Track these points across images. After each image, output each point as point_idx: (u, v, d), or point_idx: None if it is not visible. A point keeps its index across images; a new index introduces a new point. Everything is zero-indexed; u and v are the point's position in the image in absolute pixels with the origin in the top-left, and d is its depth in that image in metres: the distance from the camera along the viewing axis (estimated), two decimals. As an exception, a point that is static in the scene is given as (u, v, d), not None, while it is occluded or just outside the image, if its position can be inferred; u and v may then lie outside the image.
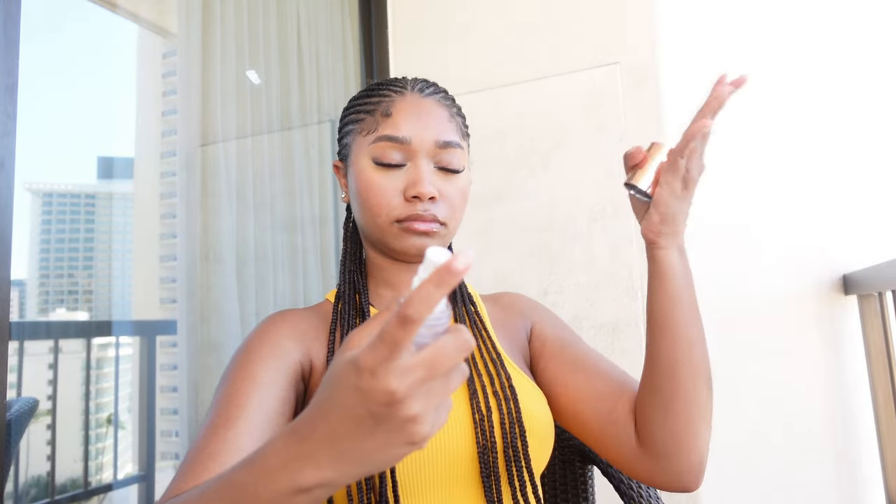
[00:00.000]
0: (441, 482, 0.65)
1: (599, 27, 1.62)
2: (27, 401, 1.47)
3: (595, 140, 1.58)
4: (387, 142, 0.72)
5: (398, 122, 0.72)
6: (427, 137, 0.72)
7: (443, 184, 0.73)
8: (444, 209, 0.73)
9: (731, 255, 1.59)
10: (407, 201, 0.71)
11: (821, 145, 1.64)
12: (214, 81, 1.58)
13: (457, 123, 0.77)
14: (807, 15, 1.69)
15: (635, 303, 1.50)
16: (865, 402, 1.50)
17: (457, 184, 0.75)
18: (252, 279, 1.56)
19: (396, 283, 0.78)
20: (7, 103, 0.89)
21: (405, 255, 0.73)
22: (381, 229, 0.72)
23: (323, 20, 1.84)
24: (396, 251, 0.73)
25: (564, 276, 1.57)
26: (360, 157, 0.74)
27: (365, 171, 0.73)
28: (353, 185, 0.76)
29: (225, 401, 0.63)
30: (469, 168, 0.79)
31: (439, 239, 0.73)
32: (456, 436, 0.66)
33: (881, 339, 1.48)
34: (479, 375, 0.70)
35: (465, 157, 0.77)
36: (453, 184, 0.74)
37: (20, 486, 1.97)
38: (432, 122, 0.74)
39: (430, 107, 0.75)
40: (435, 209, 0.72)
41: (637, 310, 1.49)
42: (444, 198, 0.73)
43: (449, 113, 0.76)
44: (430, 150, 0.73)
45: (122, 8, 1.99)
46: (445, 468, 0.65)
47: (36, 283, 12.39)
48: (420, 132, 0.72)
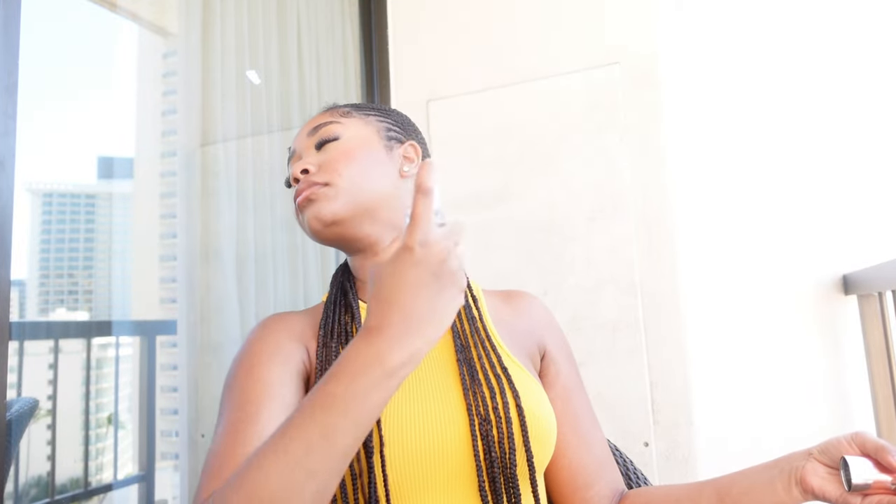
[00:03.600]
0: (439, 482, 0.64)
1: (599, 27, 1.62)
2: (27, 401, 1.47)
3: (595, 140, 1.58)
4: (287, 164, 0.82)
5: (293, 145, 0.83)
6: (303, 137, 0.80)
7: (321, 157, 0.77)
8: (323, 173, 0.75)
9: (731, 256, 1.59)
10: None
11: (821, 145, 1.64)
12: (214, 81, 1.58)
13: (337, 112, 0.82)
14: (807, 15, 1.69)
15: (635, 303, 1.50)
16: (865, 402, 1.50)
17: (336, 149, 0.77)
18: (252, 279, 1.56)
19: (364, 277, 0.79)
20: (7, 103, 0.89)
21: (312, 233, 0.76)
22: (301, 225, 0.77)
23: (323, 20, 1.84)
24: (311, 236, 0.76)
25: (564, 276, 1.57)
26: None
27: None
28: None
29: (240, 403, 0.63)
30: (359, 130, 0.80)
31: (325, 199, 0.74)
32: (452, 434, 0.65)
33: (881, 339, 1.48)
34: (474, 373, 0.69)
35: (341, 127, 0.79)
36: (331, 152, 0.77)
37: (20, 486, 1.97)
38: (306, 127, 0.81)
39: (307, 123, 0.83)
40: (308, 180, 0.75)
41: (637, 310, 1.49)
42: (321, 166, 0.76)
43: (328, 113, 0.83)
44: (307, 144, 0.79)
45: (122, 8, 1.98)
46: (443, 467, 0.64)
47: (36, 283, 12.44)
48: (300, 140, 0.81)
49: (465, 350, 0.71)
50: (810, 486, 0.60)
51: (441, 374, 0.70)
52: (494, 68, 1.71)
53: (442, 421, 0.65)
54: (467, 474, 0.65)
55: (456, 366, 0.71)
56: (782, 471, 0.62)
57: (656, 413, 1.45)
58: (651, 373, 1.46)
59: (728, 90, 1.64)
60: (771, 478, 0.63)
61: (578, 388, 0.80)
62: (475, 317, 0.76)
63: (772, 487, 0.62)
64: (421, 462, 0.64)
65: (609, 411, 1.47)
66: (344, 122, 0.79)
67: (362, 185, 0.75)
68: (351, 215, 0.74)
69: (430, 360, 0.72)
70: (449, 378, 0.70)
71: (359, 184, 0.74)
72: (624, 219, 1.53)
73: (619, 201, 1.54)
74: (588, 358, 1.49)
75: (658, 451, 1.44)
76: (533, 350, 0.80)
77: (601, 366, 1.49)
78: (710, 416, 1.46)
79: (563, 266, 1.57)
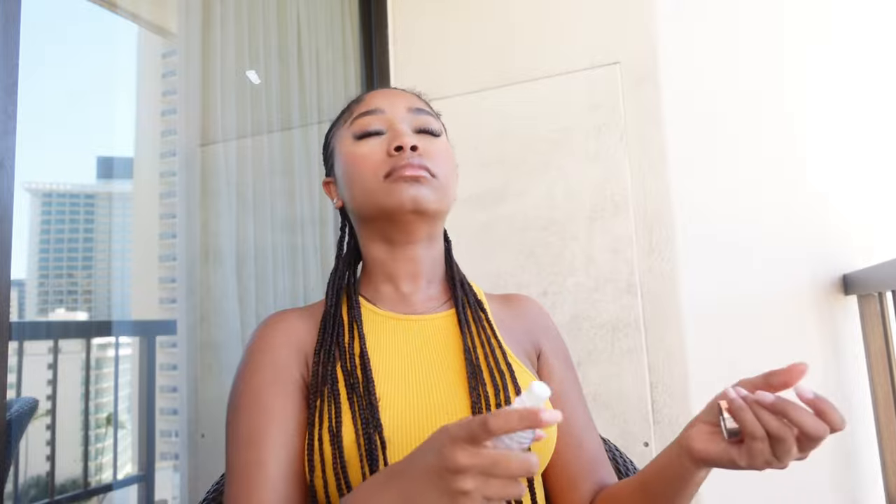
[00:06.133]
0: None
1: (599, 27, 1.62)
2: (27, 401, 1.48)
3: (595, 140, 1.58)
4: (363, 117, 0.76)
5: (369, 101, 0.78)
6: (398, 104, 0.76)
7: (423, 140, 0.74)
8: (430, 162, 0.73)
9: (731, 255, 1.59)
10: (391, 156, 0.72)
11: (821, 145, 1.64)
12: (214, 81, 1.58)
13: (427, 105, 0.80)
14: (806, 15, 1.69)
15: (635, 303, 1.50)
16: (865, 402, 1.50)
17: (438, 144, 0.76)
18: (252, 279, 1.56)
19: (396, 274, 0.77)
20: (7, 103, 0.89)
21: (401, 210, 0.71)
22: (373, 192, 0.72)
23: (323, 20, 1.84)
24: (393, 210, 0.71)
25: (564, 276, 1.57)
26: (342, 143, 0.77)
27: (347, 149, 0.76)
28: (340, 171, 0.77)
29: (247, 440, 0.65)
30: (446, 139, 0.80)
31: (430, 188, 0.72)
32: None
33: (881, 339, 1.48)
34: (480, 372, 0.70)
35: (441, 129, 0.78)
36: (434, 144, 0.75)
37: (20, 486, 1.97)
38: (400, 95, 0.79)
39: (396, 91, 0.81)
40: (420, 160, 0.72)
41: (637, 310, 1.49)
42: (427, 152, 0.73)
43: (419, 98, 0.81)
44: (404, 116, 0.76)
45: (122, 8, 1.98)
46: None
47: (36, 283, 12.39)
48: (390, 102, 0.77)
49: (471, 350, 0.72)
50: (696, 452, 0.56)
51: (448, 372, 0.71)
52: (494, 68, 1.71)
53: (447, 416, 0.66)
54: None
55: (463, 364, 0.71)
56: (678, 443, 0.59)
57: (656, 413, 1.45)
58: (651, 373, 1.46)
59: (728, 90, 1.64)
60: (671, 454, 0.60)
61: (572, 390, 0.80)
62: (481, 317, 0.77)
63: (672, 463, 0.60)
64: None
65: (609, 411, 1.47)
66: (438, 123, 0.79)
67: (448, 193, 0.76)
68: (435, 214, 0.74)
69: (438, 357, 0.72)
70: (454, 374, 0.71)
71: (448, 191, 0.76)
72: (624, 219, 1.53)
73: (619, 201, 1.54)
74: (588, 358, 1.49)
75: (658, 451, 1.43)
76: (530, 350, 0.81)
77: (601, 366, 1.49)
78: (710, 416, 1.46)
79: (563, 266, 1.57)
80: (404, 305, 0.77)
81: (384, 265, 0.77)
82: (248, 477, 0.62)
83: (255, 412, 0.66)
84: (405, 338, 0.73)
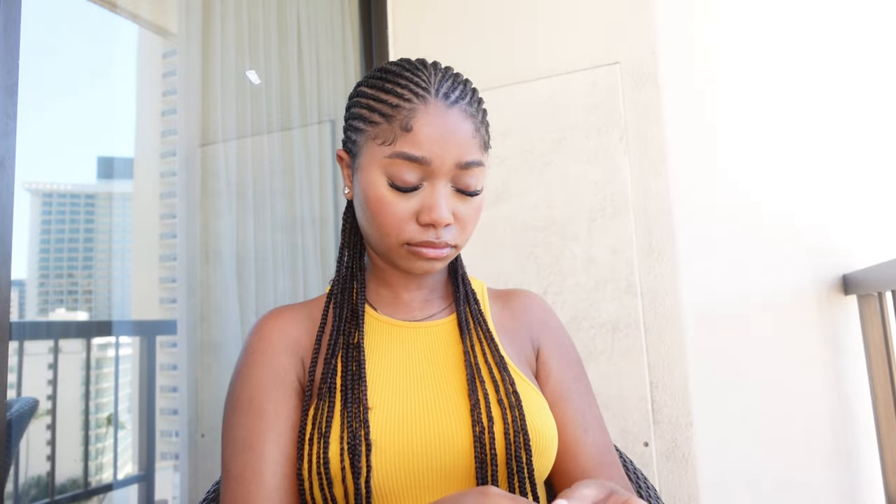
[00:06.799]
0: (438, 494, 0.64)
1: (599, 27, 1.62)
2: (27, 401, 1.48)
3: (595, 140, 1.58)
4: (404, 160, 0.65)
5: (419, 140, 0.65)
6: (448, 159, 0.66)
7: (459, 205, 0.69)
8: (457, 232, 0.69)
9: (731, 255, 1.59)
10: (420, 226, 0.67)
11: (821, 145, 1.64)
12: (214, 81, 1.58)
13: (481, 137, 0.70)
14: (806, 13, 1.69)
15: (635, 303, 1.50)
16: (865, 402, 1.50)
17: (473, 204, 0.70)
18: (252, 279, 1.56)
19: (395, 283, 0.77)
20: (7, 103, 0.89)
21: (410, 273, 0.73)
22: (389, 248, 0.69)
23: (323, 20, 1.84)
24: (401, 268, 0.72)
25: (564, 276, 1.57)
26: (371, 167, 0.68)
27: (377, 188, 0.67)
28: (360, 193, 0.70)
29: (244, 444, 0.65)
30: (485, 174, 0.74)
31: (446, 260, 0.71)
32: (454, 446, 0.65)
33: (881, 339, 1.48)
34: (482, 382, 0.69)
35: (484, 174, 0.72)
36: (469, 204, 0.70)
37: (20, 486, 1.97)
38: (455, 140, 0.66)
39: (454, 121, 0.67)
40: (447, 234, 0.68)
41: (637, 310, 1.49)
42: (458, 220, 0.69)
43: (474, 126, 0.69)
44: (450, 172, 0.67)
45: (122, 8, 1.98)
46: (442, 480, 0.64)
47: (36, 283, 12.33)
48: (441, 153, 0.66)
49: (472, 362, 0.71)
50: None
51: (444, 381, 0.70)
52: (494, 68, 1.71)
53: (439, 425, 0.65)
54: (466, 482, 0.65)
55: (460, 373, 0.71)
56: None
57: (656, 413, 1.45)
58: (651, 373, 1.46)
59: (728, 90, 1.64)
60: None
61: (573, 392, 0.77)
62: (480, 322, 0.76)
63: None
64: (422, 474, 0.64)
65: (609, 411, 1.47)
66: (483, 164, 0.71)
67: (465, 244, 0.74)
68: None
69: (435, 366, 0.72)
70: (450, 383, 0.70)
71: (464, 246, 0.73)
72: (624, 219, 1.53)
73: (619, 201, 1.53)
74: (588, 358, 1.49)
75: (658, 451, 1.44)
76: (529, 352, 0.79)
77: (601, 366, 1.49)
78: (710, 416, 1.46)
79: (563, 266, 1.57)
80: (404, 311, 0.76)
81: (385, 273, 0.77)
82: (244, 484, 0.63)
83: (252, 415, 0.66)
84: (402, 344, 0.73)
